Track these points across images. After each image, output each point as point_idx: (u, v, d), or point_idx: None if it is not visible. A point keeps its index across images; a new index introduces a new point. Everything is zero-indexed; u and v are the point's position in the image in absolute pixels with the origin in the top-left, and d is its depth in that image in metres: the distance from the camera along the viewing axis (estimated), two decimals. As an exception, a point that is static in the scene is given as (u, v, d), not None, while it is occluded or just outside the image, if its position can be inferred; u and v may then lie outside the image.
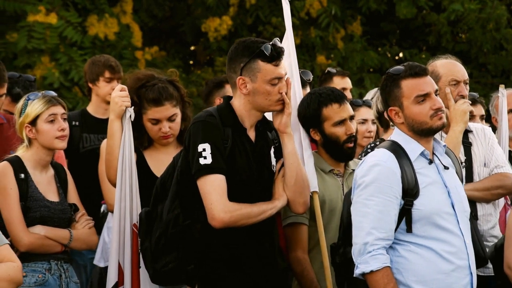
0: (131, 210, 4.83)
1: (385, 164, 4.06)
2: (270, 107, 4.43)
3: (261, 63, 4.36)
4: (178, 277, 4.43)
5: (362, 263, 3.99)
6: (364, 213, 4.03)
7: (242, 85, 4.38)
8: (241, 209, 4.29)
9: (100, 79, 6.68)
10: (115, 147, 4.86)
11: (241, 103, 4.42)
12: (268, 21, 12.05)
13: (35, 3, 10.75)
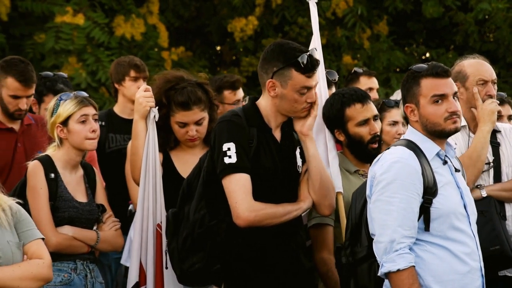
0: (155, 210, 4.84)
1: (406, 161, 4.04)
2: (294, 114, 4.45)
3: (295, 72, 4.37)
4: (205, 277, 4.43)
5: (388, 261, 3.96)
6: (388, 211, 4.00)
7: (271, 88, 4.39)
8: (266, 209, 4.30)
9: (126, 78, 6.71)
10: (140, 147, 4.88)
11: (268, 104, 4.43)
12: (294, 21, 12.05)
13: (63, 4, 10.82)
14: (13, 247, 4.14)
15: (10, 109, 5.91)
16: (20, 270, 4.10)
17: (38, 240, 4.23)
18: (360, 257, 4.15)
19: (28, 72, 5.91)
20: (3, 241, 4.12)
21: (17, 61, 5.95)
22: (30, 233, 4.22)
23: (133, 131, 4.93)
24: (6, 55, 10.17)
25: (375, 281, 4.08)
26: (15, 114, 5.91)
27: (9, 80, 5.89)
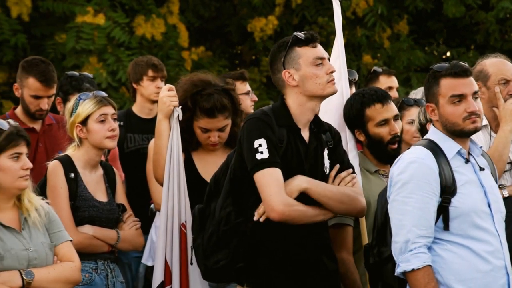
0: (179, 209, 4.85)
1: (422, 161, 4.04)
2: (323, 91, 4.37)
3: (299, 49, 4.36)
4: (228, 275, 4.44)
5: (403, 261, 3.97)
6: (403, 211, 4.00)
7: (289, 78, 4.36)
8: (299, 206, 4.27)
9: (144, 78, 6.73)
10: (163, 146, 4.89)
11: (294, 100, 4.39)
12: (314, 21, 12.03)
13: (84, 4, 10.85)
14: (46, 248, 4.21)
15: (31, 109, 5.95)
16: (55, 273, 4.17)
17: (68, 242, 4.29)
18: (385, 256, 4.16)
19: (49, 72, 5.95)
20: (37, 242, 4.18)
21: (38, 61, 5.99)
22: (61, 234, 4.28)
23: (157, 131, 4.94)
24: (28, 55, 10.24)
25: (399, 280, 4.08)
26: (36, 114, 5.95)
27: (30, 80, 5.94)
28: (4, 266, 4.06)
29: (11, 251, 4.10)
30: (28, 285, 4.08)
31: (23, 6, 10.72)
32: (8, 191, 4.17)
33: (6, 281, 4.05)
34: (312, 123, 4.46)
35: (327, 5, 12.03)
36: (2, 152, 4.13)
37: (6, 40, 10.76)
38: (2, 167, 4.14)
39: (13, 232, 4.16)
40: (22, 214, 4.23)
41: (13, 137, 4.15)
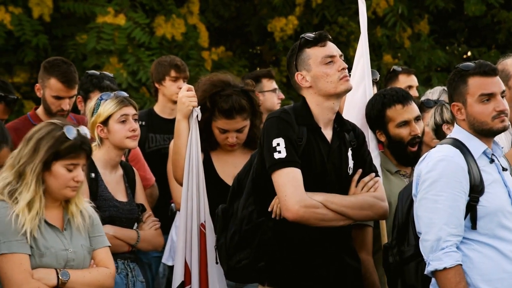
0: (199, 209, 4.86)
1: (452, 159, 4.02)
2: (336, 89, 4.36)
3: (308, 50, 4.37)
4: (250, 274, 4.44)
5: (434, 260, 3.95)
6: (434, 209, 3.98)
7: (302, 80, 4.38)
8: (318, 209, 4.27)
9: (166, 78, 6.73)
10: (182, 146, 4.90)
11: (312, 100, 4.40)
12: (334, 21, 12.01)
13: (104, 4, 10.89)
14: (85, 251, 4.25)
15: (52, 110, 5.99)
16: (90, 277, 4.21)
17: (106, 248, 4.33)
18: (407, 256, 4.14)
19: (70, 73, 5.98)
20: (77, 244, 4.22)
21: (60, 62, 6.02)
22: (101, 239, 4.32)
23: (176, 131, 4.95)
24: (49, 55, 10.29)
25: (423, 280, 4.07)
26: (58, 114, 5.98)
27: (52, 81, 5.97)
28: (42, 263, 4.11)
29: (51, 249, 4.14)
30: (63, 285, 4.12)
31: (45, 6, 10.77)
32: (54, 195, 4.21)
33: (42, 277, 4.09)
34: (335, 123, 4.46)
35: (348, 5, 12.01)
36: (59, 159, 4.15)
37: (27, 41, 10.81)
38: (54, 173, 4.16)
39: (55, 231, 4.20)
40: (67, 214, 4.27)
41: (75, 148, 4.16)
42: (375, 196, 4.41)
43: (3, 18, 10.66)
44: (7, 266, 4.05)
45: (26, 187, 4.12)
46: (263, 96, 6.87)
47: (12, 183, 4.17)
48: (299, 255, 4.33)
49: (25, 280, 4.04)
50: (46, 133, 4.18)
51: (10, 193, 4.15)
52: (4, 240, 4.07)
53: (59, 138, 4.16)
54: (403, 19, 11.88)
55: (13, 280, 4.04)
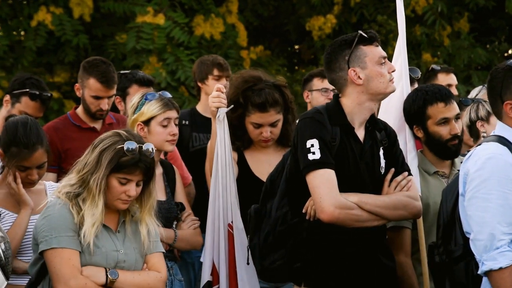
0: (226, 209, 4.85)
1: (501, 157, 3.97)
2: (386, 90, 4.37)
3: (364, 47, 4.35)
4: (285, 275, 4.44)
5: (489, 260, 3.88)
6: (485, 208, 3.92)
7: (355, 76, 4.35)
8: (353, 210, 4.25)
9: (209, 77, 6.71)
10: (213, 146, 4.90)
11: (354, 99, 4.38)
12: (373, 19, 11.97)
13: (144, 4, 10.96)
14: (137, 254, 4.27)
15: (92, 109, 6.03)
16: (139, 278, 4.23)
17: (160, 254, 4.35)
18: (456, 256, 4.10)
19: (109, 73, 6.01)
20: (129, 246, 4.25)
21: (99, 62, 6.06)
22: (155, 244, 4.35)
23: (212, 131, 4.97)
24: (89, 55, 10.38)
25: (473, 280, 4.02)
26: (97, 114, 6.02)
27: (91, 81, 6.01)
28: (92, 261, 4.14)
29: (102, 248, 4.17)
30: (111, 284, 4.14)
31: (85, 7, 10.87)
32: (106, 205, 4.24)
33: (91, 275, 4.12)
34: (367, 122, 4.45)
35: (386, 3, 11.96)
36: (115, 172, 4.18)
37: (68, 41, 10.92)
38: (109, 185, 4.19)
39: (109, 232, 4.24)
40: (122, 217, 4.30)
41: (130, 164, 4.17)
42: (409, 196, 4.39)
43: (44, 18, 10.78)
44: (56, 260, 4.09)
45: (94, 201, 4.16)
46: (311, 95, 6.88)
47: (74, 186, 4.21)
48: (334, 255, 4.32)
49: (73, 275, 4.07)
50: (109, 145, 4.19)
51: (68, 193, 4.20)
52: (55, 235, 4.11)
53: (118, 152, 4.16)
54: (442, 17, 11.80)
55: (61, 274, 4.08)
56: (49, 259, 4.12)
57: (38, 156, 4.78)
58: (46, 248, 4.11)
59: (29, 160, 4.75)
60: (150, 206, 4.33)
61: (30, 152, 4.74)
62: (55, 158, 5.75)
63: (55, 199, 4.22)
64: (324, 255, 4.32)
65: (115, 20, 11.49)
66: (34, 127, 4.82)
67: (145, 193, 4.30)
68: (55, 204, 4.19)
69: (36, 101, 6.22)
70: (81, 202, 4.18)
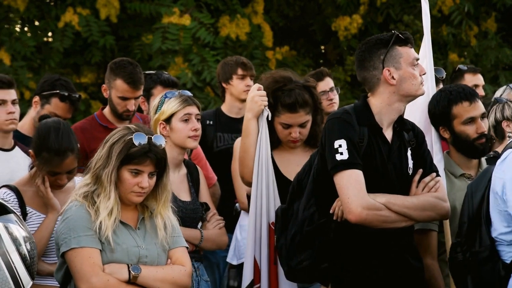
0: (268, 208, 4.85)
1: None
2: (417, 92, 4.38)
3: (400, 48, 4.35)
4: (312, 275, 4.44)
5: None
6: None
7: (389, 76, 4.34)
8: (381, 211, 4.25)
9: (233, 77, 6.71)
10: (251, 146, 4.90)
11: (384, 99, 4.37)
12: (399, 19, 11.93)
13: (170, 5, 10.99)
14: (159, 249, 4.28)
15: (118, 110, 6.05)
16: (163, 273, 4.23)
17: (183, 248, 4.36)
18: (483, 257, 4.09)
19: (136, 74, 6.04)
20: (151, 242, 4.27)
21: (126, 63, 6.08)
22: (177, 239, 4.36)
23: (245, 129, 4.94)
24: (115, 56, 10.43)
25: (500, 280, 4.02)
26: (124, 114, 6.05)
27: (118, 82, 6.03)
28: (113, 259, 4.16)
29: (122, 245, 4.19)
30: (134, 279, 4.15)
31: (112, 8, 10.92)
32: (122, 200, 4.27)
33: (114, 272, 4.13)
34: (395, 123, 4.44)
35: (413, 3, 11.91)
36: (126, 164, 4.21)
37: (95, 42, 10.97)
38: (120, 177, 4.22)
39: (128, 229, 4.26)
40: (141, 214, 4.32)
41: (140, 154, 4.20)
42: (437, 197, 4.38)
43: (71, 20, 10.84)
44: (77, 260, 4.12)
45: (105, 193, 4.19)
46: None
47: (89, 184, 4.25)
48: (362, 256, 4.31)
49: (94, 273, 4.09)
50: (119, 138, 4.23)
51: (85, 193, 4.23)
52: (74, 236, 4.13)
53: (127, 144, 4.21)
54: (469, 17, 11.73)
55: (82, 273, 4.10)
56: (70, 260, 4.14)
57: (69, 162, 4.81)
58: (66, 249, 4.14)
59: (59, 166, 4.78)
60: (166, 200, 4.34)
61: (61, 159, 4.78)
62: (82, 158, 5.78)
63: (73, 201, 4.25)
64: (352, 256, 4.32)
65: (141, 20, 11.53)
66: (66, 133, 4.84)
67: (160, 186, 4.31)
68: (72, 207, 4.22)
69: (66, 102, 6.26)
70: (96, 198, 4.21)
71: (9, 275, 3.78)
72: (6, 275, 3.77)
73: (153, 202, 4.33)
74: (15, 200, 4.72)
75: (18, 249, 3.83)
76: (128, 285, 4.15)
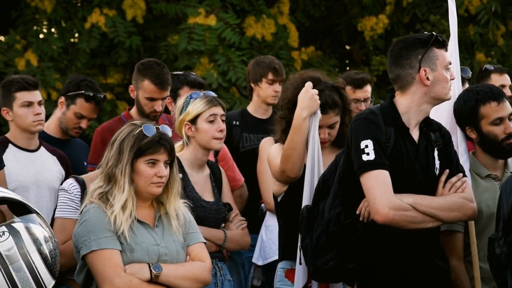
0: None
1: None
2: (446, 96, 4.39)
3: (437, 50, 4.36)
4: (337, 275, 4.44)
5: None
6: None
7: (424, 76, 4.35)
8: (407, 212, 4.24)
9: (263, 80, 6.63)
10: (301, 143, 4.81)
11: (414, 99, 4.37)
12: (426, 19, 11.87)
13: (196, 5, 11.01)
14: (178, 246, 4.30)
15: (145, 111, 6.08)
16: (184, 270, 4.25)
17: (201, 244, 4.38)
18: None
19: (163, 75, 6.06)
20: (169, 239, 4.29)
21: (153, 64, 6.11)
22: (195, 235, 4.38)
23: (297, 127, 4.82)
24: (141, 57, 10.47)
25: None
26: (151, 115, 6.07)
27: (145, 83, 6.06)
28: (134, 258, 4.18)
29: (142, 244, 4.21)
30: (156, 278, 4.17)
31: (138, 8, 10.96)
32: (141, 194, 4.29)
33: (135, 272, 4.15)
34: (421, 123, 4.43)
35: (439, 2, 11.85)
36: (140, 156, 4.24)
37: (121, 42, 11.01)
38: (137, 171, 4.25)
39: (146, 228, 4.28)
40: (158, 212, 4.34)
41: (153, 143, 4.24)
42: (464, 197, 4.36)
43: (97, 20, 10.89)
44: (98, 262, 4.13)
45: (120, 189, 4.22)
46: None
47: (102, 186, 4.27)
48: (388, 256, 4.31)
49: (116, 274, 4.11)
50: (127, 134, 4.28)
51: (100, 195, 4.26)
52: (93, 238, 4.15)
53: (138, 136, 4.25)
54: (496, 17, 11.65)
55: (105, 274, 4.11)
56: (91, 262, 4.16)
57: None
58: (87, 252, 4.16)
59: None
60: (177, 191, 4.38)
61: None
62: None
63: (89, 204, 4.26)
64: (378, 256, 4.31)
65: (167, 21, 11.56)
66: None
67: (171, 177, 4.35)
68: (89, 209, 4.24)
69: (91, 103, 6.30)
70: (110, 197, 4.23)
71: (30, 276, 3.81)
72: (27, 276, 3.80)
73: (165, 195, 4.35)
74: (79, 193, 4.70)
75: (39, 249, 3.86)
76: (150, 284, 4.17)
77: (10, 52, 10.84)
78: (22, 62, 10.72)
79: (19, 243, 3.81)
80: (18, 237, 3.83)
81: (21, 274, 3.79)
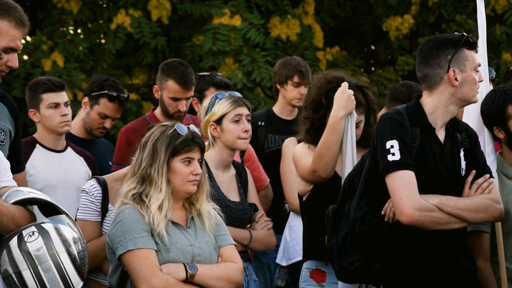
0: None
1: None
2: (473, 98, 4.37)
3: (467, 51, 4.35)
4: (363, 276, 4.43)
5: None
6: None
7: (453, 77, 4.33)
8: (433, 212, 4.22)
9: (289, 82, 6.59)
10: (336, 143, 4.81)
11: (442, 99, 4.35)
12: (451, 19, 11.81)
13: (221, 6, 11.03)
14: (210, 247, 4.33)
15: (170, 111, 6.09)
16: (218, 270, 4.28)
17: (232, 246, 4.42)
18: None
19: (187, 75, 6.07)
20: (202, 240, 4.31)
21: (177, 64, 6.12)
22: (226, 237, 4.41)
23: (333, 127, 4.82)
24: (166, 57, 10.50)
25: None
26: (175, 115, 6.08)
27: (169, 83, 6.07)
28: (169, 258, 4.20)
29: (177, 244, 4.23)
30: (192, 278, 4.19)
31: (163, 9, 11.00)
32: (177, 193, 4.32)
33: (171, 271, 4.17)
34: (448, 123, 4.41)
35: (465, 2, 11.78)
36: (176, 156, 4.28)
37: (146, 43, 11.06)
38: (173, 170, 4.28)
39: (179, 228, 4.30)
40: (190, 213, 4.37)
41: (188, 142, 4.28)
42: (490, 198, 4.34)
43: (123, 21, 10.94)
44: (135, 261, 4.15)
45: (157, 189, 4.25)
46: None
47: (136, 187, 4.29)
48: (414, 257, 4.29)
49: (153, 273, 4.13)
50: (160, 134, 4.30)
51: (133, 196, 4.27)
52: (130, 238, 4.17)
53: (172, 136, 4.28)
54: (523, 17, 11.57)
55: (142, 273, 4.13)
56: (128, 262, 4.17)
57: None
58: (123, 251, 4.17)
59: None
60: (207, 190, 4.42)
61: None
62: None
63: (123, 206, 4.28)
64: (404, 257, 4.29)
65: (192, 22, 11.59)
66: None
67: (201, 177, 4.37)
68: (124, 210, 4.25)
69: (114, 103, 6.33)
70: (145, 198, 4.25)
71: (59, 276, 3.82)
72: (56, 276, 3.82)
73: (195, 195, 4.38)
74: (99, 194, 4.73)
75: (68, 250, 3.87)
76: (186, 284, 4.19)
77: (36, 53, 10.93)
78: (48, 63, 10.80)
79: (48, 243, 3.82)
80: (47, 237, 3.84)
81: (50, 274, 3.81)
